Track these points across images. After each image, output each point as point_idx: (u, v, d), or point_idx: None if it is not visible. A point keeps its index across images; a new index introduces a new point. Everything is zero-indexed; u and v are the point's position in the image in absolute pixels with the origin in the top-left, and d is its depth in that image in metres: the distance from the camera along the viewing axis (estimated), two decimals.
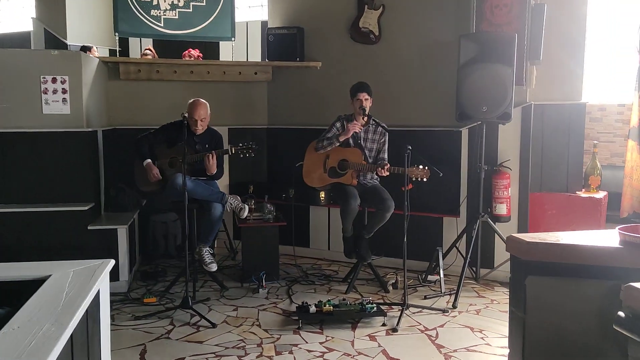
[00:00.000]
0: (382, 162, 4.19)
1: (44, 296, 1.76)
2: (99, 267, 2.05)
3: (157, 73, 5.30)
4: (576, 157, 4.50)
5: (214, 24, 5.48)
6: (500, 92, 3.97)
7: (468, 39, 4.10)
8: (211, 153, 4.13)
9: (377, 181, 4.42)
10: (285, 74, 5.55)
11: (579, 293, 2.28)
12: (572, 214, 4.41)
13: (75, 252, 4.04)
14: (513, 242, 2.39)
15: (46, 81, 4.19)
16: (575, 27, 4.41)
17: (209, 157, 4.10)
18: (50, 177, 4.23)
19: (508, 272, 4.42)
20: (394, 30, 5.03)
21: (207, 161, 4.10)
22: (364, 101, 4.23)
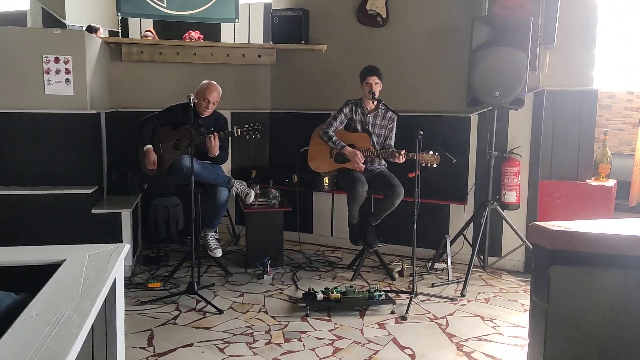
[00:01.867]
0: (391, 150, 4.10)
1: (61, 282, 1.68)
2: (115, 252, 1.98)
3: (160, 55, 5.20)
4: (587, 144, 4.44)
5: (217, 4, 5.37)
6: (514, 77, 3.89)
7: (481, 22, 4.02)
8: (213, 134, 4.04)
9: (385, 167, 4.35)
10: (289, 57, 5.44)
11: (604, 283, 2.23)
12: (582, 202, 4.37)
13: (78, 235, 3.96)
14: (536, 230, 2.32)
15: (48, 61, 4.07)
16: (587, 13, 4.33)
17: (210, 138, 4.01)
18: (52, 160, 4.13)
19: (516, 261, 4.45)
20: (402, 13, 4.93)
21: (209, 142, 4.00)
22: (373, 85, 4.15)
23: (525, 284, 4.17)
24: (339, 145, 4.22)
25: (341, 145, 4.22)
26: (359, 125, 4.29)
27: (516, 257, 4.43)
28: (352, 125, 4.32)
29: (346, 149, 4.21)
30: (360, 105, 4.28)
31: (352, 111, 4.30)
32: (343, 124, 4.35)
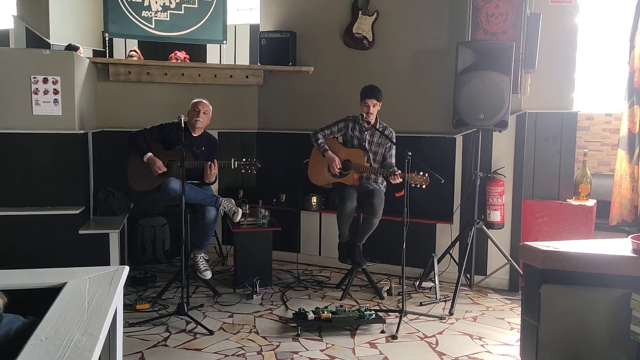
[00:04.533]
0: (392, 169, 4.19)
1: (66, 305, 1.69)
2: (116, 274, 1.99)
3: (147, 75, 5.21)
4: (567, 165, 4.57)
5: (205, 26, 5.42)
6: (498, 99, 4.01)
7: (466, 47, 4.14)
8: (213, 162, 4.08)
9: (383, 186, 4.40)
10: (276, 78, 5.51)
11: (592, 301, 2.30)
12: (564, 221, 4.48)
13: (65, 257, 3.94)
14: (527, 250, 2.40)
15: (37, 81, 4.07)
16: (566, 38, 4.50)
17: (209, 165, 4.06)
18: (39, 180, 4.10)
19: (501, 279, 4.53)
20: (388, 37, 5.05)
21: (207, 170, 4.05)
22: (371, 107, 4.22)
23: (511, 302, 4.24)
24: (323, 148, 4.37)
25: (324, 148, 4.36)
26: (356, 141, 4.37)
27: (501, 275, 4.52)
28: (349, 141, 4.39)
29: (327, 153, 4.34)
30: (358, 123, 4.36)
31: (347, 127, 4.39)
32: (334, 135, 4.45)
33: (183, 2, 5.32)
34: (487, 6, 4.37)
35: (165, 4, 5.27)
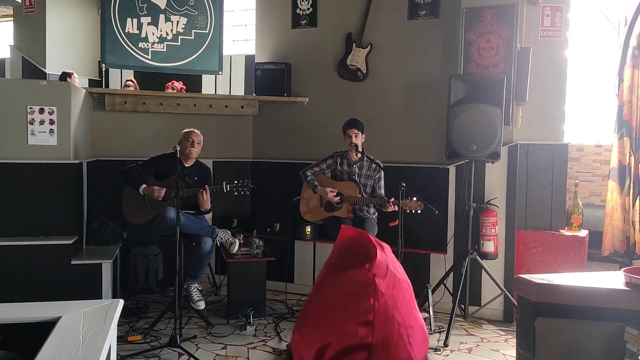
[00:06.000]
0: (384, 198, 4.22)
1: (60, 340, 1.68)
2: (110, 308, 1.98)
3: (143, 105, 5.26)
4: (559, 195, 4.61)
5: (201, 57, 5.49)
6: (490, 131, 4.06)
7: (458, 80, 4.21)
8: (204, 188, 4.09)
9: (375, 216, 4.44)
10: (272, 108, 5.57)
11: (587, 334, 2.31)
12: (557, 251, 4.50)
13: (58, 287, 3.91)
14: (521, 283, 2.41)
15: (33, 111, 4.09)
16: (556, 70, 4.58)
17: (202, 192, 4.07)
18: (33, 210, 4.10)
19: (495, 310, 4.52)
20: (382, 69, 5.14)
21: (201, 197, 4.06)
22: (353, 137, 4.30)
23: (506, 333, 4.23)
24: (312, 184, 4.42)
25: (314, 184, 4.42)
26: (346, 175, 4.43)
27: (496, 306, 4.51)
28: (339, 176, 4.44)
29: (318, 188, 4.40)
30: (346, 157, 4.42)
31: (335, 162, 4.44)
32: (323, 172, 4.50)
33: (179, 34, 5.40)
34: (479, 40, 4.47)
35: (162, 36, 5.35)
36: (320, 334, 1.04)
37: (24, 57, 6.85)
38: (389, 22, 5.10)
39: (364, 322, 1.02)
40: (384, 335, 1.02)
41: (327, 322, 1.04)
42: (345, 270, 1.07)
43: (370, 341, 1.01)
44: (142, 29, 5.29)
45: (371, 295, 1.04)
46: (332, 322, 1.03)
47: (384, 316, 1.04)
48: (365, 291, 1.03)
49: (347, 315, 1.03)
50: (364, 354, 1.00)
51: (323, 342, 1.02)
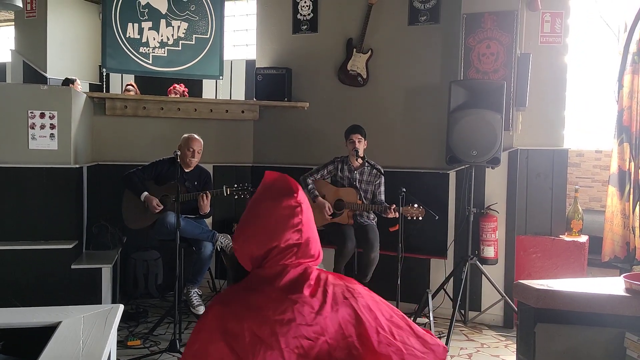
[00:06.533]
0: (384, 205, 4.23)
1: (60, 345, 1.68)
2: (110, 313, 1.98)
3: (143, 109, 5.26)
4: (559, 201, 4.62)
5: (202, 62, 5.50)
6: (490, 137, 4.07)
7: (458, 85, 4.22)
8: (205, 193, 4.10)
9: (374, 221, 4.44)
10: (272, 113, 5.58)
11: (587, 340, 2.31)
12: (557, 257, 4.50)
13: (57, 292, 3.91)
14: (521, 289, 2.41)
15: (34, 116, 4.10)
16: (556, 76, 4.60)
17: (202, 197, 4.07)
18: (33, 214, 4.10)
19: (495, 315, 4.52)
20: (382, 74, 5.15)
21: (201, 201, 4.07)
22: (356, 143, 4.30)
23: (506, 339, 4.22)
24: (313, 194, 4.40)
25: (314, 194, 4.40)
26: (346, 181, 4.42)
27: (496, 311, 4.50)
28: (339, 182, 4.44)
29: (318, 199, 4.38)
30: (347, 163, 4.42)
31: (336, 168, 4.44)
32: (323, 178, 4.48)
33: (180, 39, 5.41)
34: (479, 46, 4.48)
35: (163, 40, 5.36)
36: (268, 240, 1.61)
37: (25, 61, 6.87)
38: (390, 27, 5.12)
39: (296, 230, 1.63)
40: (306, 237, 1.66)
41: (273, 232, 1.61)
42: (280, 200, 1.63)
43: (300, 242, 1.64)
44: (143, 33, 5.30)
45: (299, 214, 1.64)
46: (276, 232, 1.61)
47: (306, 226, 1.65)
48: (295, 211, 1.63)
49: (285, 227, 1.62)
50: (295, 249, 1.63)
51: (271, 245, 1.61)
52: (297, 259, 1.63)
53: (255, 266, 1.63)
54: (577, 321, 2.32)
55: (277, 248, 1.60)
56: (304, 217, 1.64)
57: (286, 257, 1.61)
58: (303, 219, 1.63)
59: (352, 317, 1.57)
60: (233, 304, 1.58)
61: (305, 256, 1.65)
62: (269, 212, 1.62)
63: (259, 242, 1.61)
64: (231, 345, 1.48)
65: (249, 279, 1.63)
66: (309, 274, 1.62)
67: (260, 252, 1.61)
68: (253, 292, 1.57)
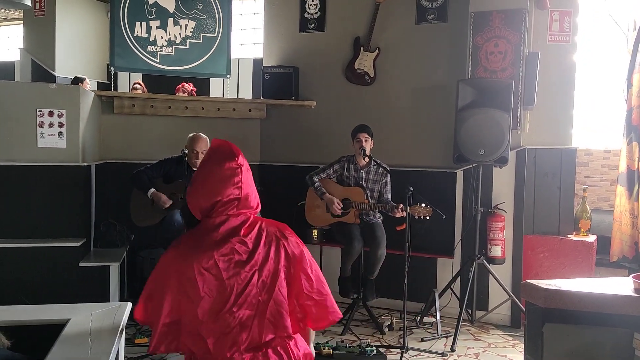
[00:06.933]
0: (391, 204, 4.22)
1: (69, 343, 1.69)
2: (119, 311, 1.99)
3: (151, 108, 5.27)
4: (567, 200, 4.60)
5: (209, 61, 5.51)
6: (498, 136, 4.06)
7: (466, 84, 4.21)
8: None
9: (380, 219, 4.44)
10: (279, 112, 5.58)
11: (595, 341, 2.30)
12: (564, 257, 4.48)
13: (65, 289, 3.92)
14: (529, 288, 2.40)
15: (42, 114, 4.12)
16: (565, 75, 4.58)
17: None
18: (41, 212, 4.12)
19: (503, 315, 4.50)
20: (389, 73, 5.14)
21: None
22: (363, 142, 4.29)
23: (513, 338, 4.21)
24: (320, 191, 4.38)
25: (322, 191, 4.38)
26: (352, 181, 4.41)
27: (503, 311, 4.49)
28: (345, 181, 4.43)
29: (325, 195, 4.36)
30: (353, 162, 4.41)
31: (342, 167, 4.43)
32: (329, 177, 4.48)
33: (188, 38, 5.42)
34: (487, 45, 4.47)
35: (171, 39, 5.37)
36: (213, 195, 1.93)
37: (34, 60, 6.91)
38: (397, 26, 5.11)
39: (236, 187, 1.94)
40: (245, 193, 1.97)
41: (217, 189, 1.93)
42: (223, 163, 1.94)
43: (240, 196, 1.96)
44: (151, 32, 5.31)
45: (239, 174, 1.96)
46: (220, 189, 1.93)
47: (245, 184, 1.97)
48: (235, 172, 1.95)
49: (228, 184, 1.93)
50: (236, 202, 1.95)
51: (216, 199, 1.93)
52: (237, 210, 1.97)
53: (204, 216, 1.98)
54: (586, 321, 2.31)
55: (221, 202, 1.93)
56: (244, 176, 1.97)
57: (229, 208, 1.95)
58: (242, 178, 1.96)
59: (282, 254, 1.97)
60: (183, 246, 1.94)
61: (245, 207, 1.99)
62: (214, 173, 1.95)
63: (206, 196, 1.95)
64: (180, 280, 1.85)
65: (200, 227, 1.99)
66: (247, 220, 1.99)
67: (207, 204, 1.95)
68: (201, 236, 1.94)
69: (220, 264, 1.87)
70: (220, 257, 1.87)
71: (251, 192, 2.00)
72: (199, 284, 1.83)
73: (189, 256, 1.87)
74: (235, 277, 1.87)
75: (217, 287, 1.85)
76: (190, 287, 1.83)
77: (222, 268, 1.86)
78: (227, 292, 1.85)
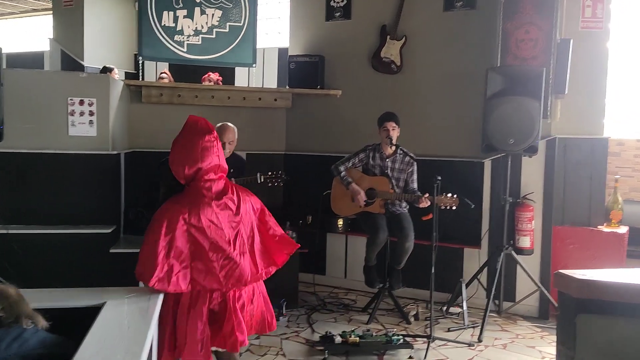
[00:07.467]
0: (417, 194, 4.19)
1: (105, 325, 1.72)
2: (152, 296, 2.02)
3: (178, 97, 5.31)
4: (598, 191, 4.52)
5: (235, 50, 5.52)
6: (528, 125, 3.99)
7: (495, 72, 4.15)
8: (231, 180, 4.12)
9: (406, 209, 4.41)
10: (304, 101, 5.57)
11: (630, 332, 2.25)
12: (595, 248, 4.41)
13: (96, 275, 3.99)
14: (562, 278, 2.37)
15: (73, 103, 4.18)
16: (597, 63, 4.48)
17: None
18: (72, 199, 4.18)
19: (530, 306, 4.45)
20: (416, 61, 5.09)
21: None
22: (390, 130, 4.26)
23: (542, 330, 4.16)
24: (346, 181, 4.36)
25: (347, 181, 4.36)
26: (378, 170, 4.38)
27: (531, 302, 4.44)
28: (371, 170, 4.40)
29: (351, 185, 4.33)
30: (379, 151, 4.38)
31: (368, 157, 4.40)
32: (355, 166, 4.46)
33: (214, 27, 5.43)
34: (517, 32, 4.38)
35: (197, 29, 5.39)
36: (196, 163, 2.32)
37: (63, 50, 7.00)
38: (424, 13, 5.05)
39: (216, 155, 2.36)
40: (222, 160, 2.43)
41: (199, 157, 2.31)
42: (203, 135, 2.34)
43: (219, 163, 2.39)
44: (178, 22, 5.34)
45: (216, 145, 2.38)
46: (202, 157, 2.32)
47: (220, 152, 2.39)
48: (213, 143, 2.36)
49: (210, 153, 2.34)
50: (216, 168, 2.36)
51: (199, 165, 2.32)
52: (216, 174, 2.36)
53: (189, 181, 2.35)
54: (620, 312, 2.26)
55: (204, 168, 2.32)
56: (219, 146, 2.39)
57: (210, 173, 2.34)
58: (219, 147, 2.38)
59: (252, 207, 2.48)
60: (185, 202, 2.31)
61: (222, 171, 2.41)
62: (197, 144, 2.32)
63: (190, 164, 2.32)
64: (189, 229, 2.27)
65: (188, 191, 2.36)
66: (227, 187, 2.41)
67: (190, 171, 2.32)
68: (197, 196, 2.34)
69: (220, 216, 2.32)
70: (220, 210, 2.33)
71: (223, 158, 2.41)
72: (207, 231, 2.28)
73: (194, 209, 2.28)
74: (230, 225, 2.34)
75: (220, 234, 2.30)
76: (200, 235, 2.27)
77: (221, 219, 2.32)
78: (227, 238, 2.32)
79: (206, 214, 2.29)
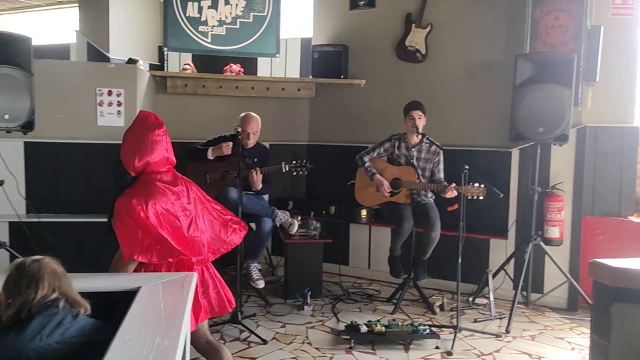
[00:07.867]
0: (444, 184, 4.15)
1: (143, 308, 1.74)
2: (186, 280, 2.04)
3: (202, 88, 5.35)
4: (628, 181, 4.43)
5: (259, 40, 5.52)
6: (558, 113, 3.92)
7: (525, 59, 4.07)
8: (256, 169, 4.13)
9: (432, 199, 4.38)
10: (328, 91, 5.56)
11: None
12: (625, 239, 4.33)
13: None
14: (597, 267, 2.33)
15: (102, 93, 4.23)
16: (628, 50, 4.38)
17: (253, 173, 4.11)
18: (101, 188, 4.25)
19: (559, 297, 4.39)
20: (442, 49, 5.03)
21: (252, 177, 4.10)
22: (417, 119, 4.22)
23: (571, 321, 4.11)
24: (370, 171, 4.33)
25: (372, 172, 4.33)
26: (403, 159, 4.35)
27: (559, 294, 4.38)
28: (396, 160, 4.38)
29: (375, 176, 4.31)
30: (404, 140, 4.35)
31: (393, 146, 4.37)
32: (380, 156, 4.43)
33: (238, 17, 5.44)
34: (547, 18, 4.30)
35: (222, 19, 5.41)
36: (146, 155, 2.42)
37: (89, 42, 7.07)
38: (451, 1, 4.98)
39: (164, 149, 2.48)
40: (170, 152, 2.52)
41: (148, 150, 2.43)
42: (153, 129, 2.47)
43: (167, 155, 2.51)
44: (202, 12, 5.36)
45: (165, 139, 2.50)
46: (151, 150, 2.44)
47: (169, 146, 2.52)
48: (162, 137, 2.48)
49: (159, 147, 2.45)
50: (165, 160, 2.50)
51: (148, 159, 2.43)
52: (164, 166, 2.49)
53: (139, 173, 2.44)
54: None
55: (152, 161, 2.43)
56: (168, 140, 2.50)
57: (159, 165, 2.47)
58: (168, 141, 2.50)
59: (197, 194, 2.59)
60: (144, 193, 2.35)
61: (169, 164, 2.53)
62: (147, 138, 2.44)
63: (140, 157, 2.41)
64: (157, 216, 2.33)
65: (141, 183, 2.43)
66: (177, 177, 2.54)
67: (139, 163, 2.41)
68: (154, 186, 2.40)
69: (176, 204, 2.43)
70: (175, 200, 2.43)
71: (171, 151, 2.53)
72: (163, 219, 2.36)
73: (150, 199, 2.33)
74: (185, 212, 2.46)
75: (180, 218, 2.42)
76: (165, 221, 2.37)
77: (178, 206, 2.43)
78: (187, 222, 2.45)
79: (161, 203, 2.37)
